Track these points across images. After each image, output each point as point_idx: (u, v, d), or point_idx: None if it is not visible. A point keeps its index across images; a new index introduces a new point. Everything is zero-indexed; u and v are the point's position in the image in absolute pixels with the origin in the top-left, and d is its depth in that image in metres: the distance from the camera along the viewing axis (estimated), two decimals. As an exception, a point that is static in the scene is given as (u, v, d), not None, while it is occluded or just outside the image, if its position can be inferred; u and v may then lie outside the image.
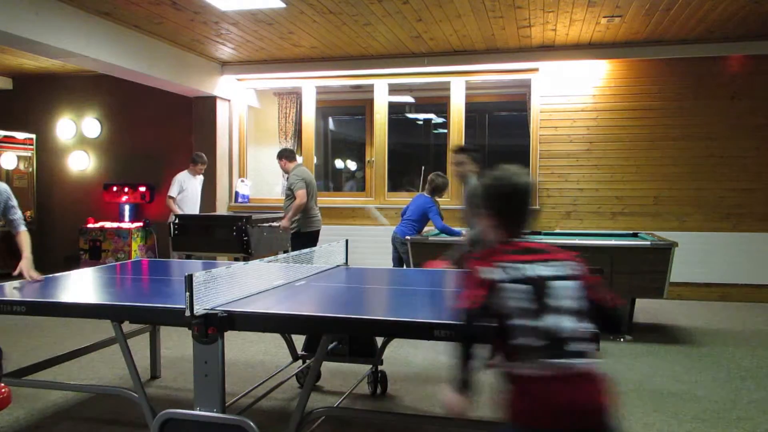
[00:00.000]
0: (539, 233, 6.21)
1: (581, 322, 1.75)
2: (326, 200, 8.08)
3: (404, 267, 5.85)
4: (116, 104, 9.06)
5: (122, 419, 3.42)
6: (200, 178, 7.50)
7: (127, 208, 8.73)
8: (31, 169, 9.12)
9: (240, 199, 8.54)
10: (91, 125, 9.13)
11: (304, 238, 6.26)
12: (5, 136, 8.76)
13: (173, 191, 7.16)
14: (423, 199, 5.94)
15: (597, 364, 1.73)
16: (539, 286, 1.75)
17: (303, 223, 6.27)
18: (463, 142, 7.85)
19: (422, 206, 5.86)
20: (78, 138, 9.22)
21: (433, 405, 3.63)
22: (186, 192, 7.24)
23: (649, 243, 5.14)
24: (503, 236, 1.89)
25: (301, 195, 6.15)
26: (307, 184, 6.27)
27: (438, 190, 5.92)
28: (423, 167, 7.05)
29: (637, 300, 5.32)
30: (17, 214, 3.65)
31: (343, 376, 4.09)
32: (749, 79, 7.00)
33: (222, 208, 8.39)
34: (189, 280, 2.38)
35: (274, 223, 6.61)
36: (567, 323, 1.72)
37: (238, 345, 4.92)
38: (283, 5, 5.74)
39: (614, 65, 7.33)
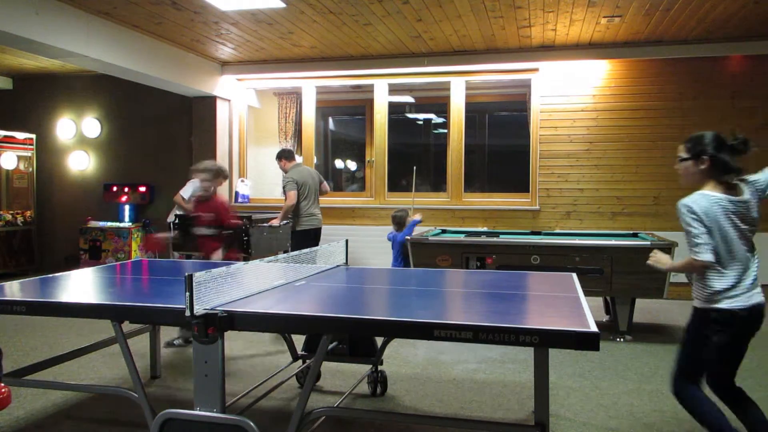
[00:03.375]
0: (539, 233, 6.21)
1: None
2: (326, 200, 8.07)
3: None
4: (116, 104, 9.06)
5: (122, 419, 3.42)
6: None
7: (127, 208, 8.73)
8: (31, 169, 9.12)
9: (240, 199, 8.55)
10: (91, 125, 9.14)
11: (300, 236, 6.28)
12: (5, 136, 8.76)
13: (186, 192, 6.98)
14: (398, 237, 6.19)
15: None
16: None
17: (296, 222, 6.30)
18: (463, 142, 7.87)
19: (401, 242, 6.06)
20: (78, 138, 9.22)
21: (433, 405, 3.64)
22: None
23: (649, 243, 5.14)
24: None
25: (291, 196, 6.17)
26: (301, 185, 6.28)
27: (402, 223, 6.28)
28: (414, 167, 7.10)
29: (637, 300, 5.32)
30: None
31: (343, 376, 4.09)
32: (749, 79, 7.00)
33: (222, 208, 8.37)
34: (189, 280, 2.38)
35: (265, 224, 6.60)
36: None
37: (238, 345, 4.92)
38: (283, 5, 5.74)
39: (614, 65, 7.33)
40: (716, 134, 2.72)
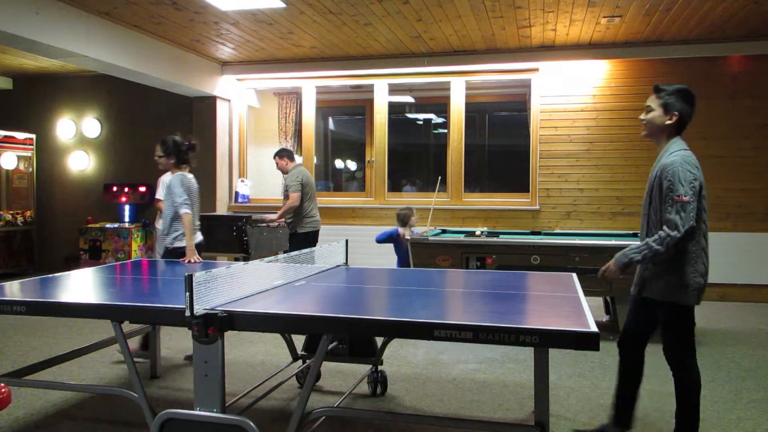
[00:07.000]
0: (539, 233, 6.21)
1: None
2: (326, 200, 8.08)
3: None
4: (116, 104, 9.06)
5: (122, 419, 3.42)
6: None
7: (127, 208, 8.73)
8: (31, 169, 9.12)
9: (240, 199, 8.55)
10: (91, 125, 9.14)
11: (300, 238, 6.25)
12: (5, 136, 8.76)
13: (159, 193, 6.96)
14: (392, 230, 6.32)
15: None
16: None
17: (298, 223, 6.26)
18: (463, 142, 7.87)
19: (387, 234, 6.24)
20: (78, 138, 9.22)
21: (433, 405, 3.64)
22: None
23: (649, 243, 5.12)
24: None
25: (294, 197, 6.14)
26: (305, 185, 6.27)
27: (405, 220, 6.23)
28: (440, 177, 7.29)
29: (637, 300, 5.31)
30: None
31: (343, 376, 4.09)
32: (749, 79, 7.00)
33: (222, 208, 8.39)
34: (189, 280, 2.38)
35: (262, 224, 6.58)
36: None
37: (238, 345, 4.93)
38: (283, 5, 5.74)
39: (614, 65, 7.33)
40: None
